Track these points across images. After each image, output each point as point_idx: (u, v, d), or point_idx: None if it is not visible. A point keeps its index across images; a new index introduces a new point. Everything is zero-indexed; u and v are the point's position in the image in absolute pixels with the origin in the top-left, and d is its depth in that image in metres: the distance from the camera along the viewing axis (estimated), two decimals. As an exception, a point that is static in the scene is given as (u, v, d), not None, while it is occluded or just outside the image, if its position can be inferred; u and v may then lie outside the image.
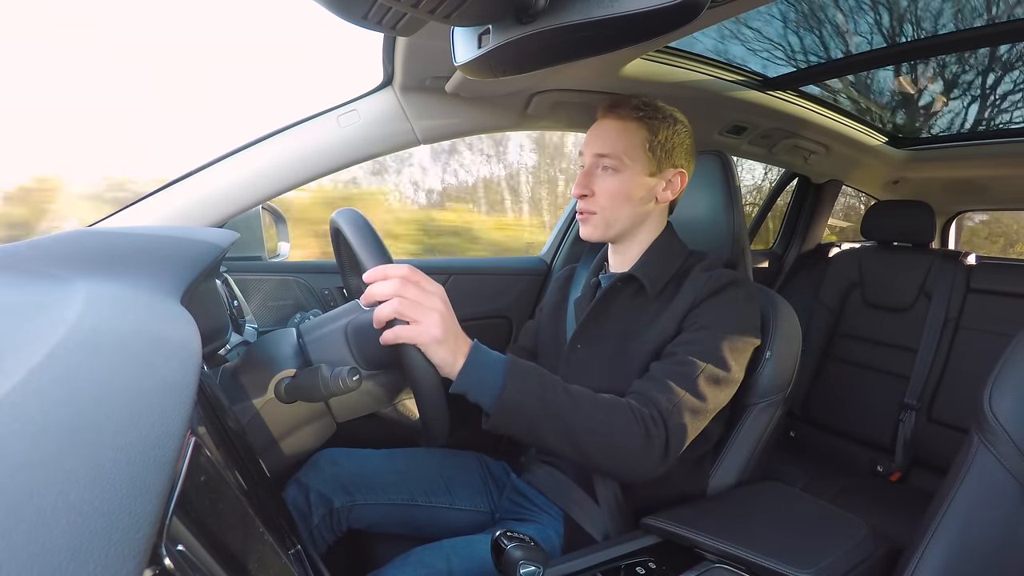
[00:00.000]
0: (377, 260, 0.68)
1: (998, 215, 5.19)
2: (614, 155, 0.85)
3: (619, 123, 0.86)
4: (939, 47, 1.28)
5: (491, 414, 0.66)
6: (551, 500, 0.87)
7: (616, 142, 0.85)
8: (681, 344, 0.79)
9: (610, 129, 0.86)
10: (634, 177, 0.85)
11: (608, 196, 0.86)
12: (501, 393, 0.65)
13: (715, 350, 0.77)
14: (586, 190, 0.86)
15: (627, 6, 0.39)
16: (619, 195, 0.85)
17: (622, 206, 0.86)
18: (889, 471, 1.62)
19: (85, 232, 0.67)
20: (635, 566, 0.68)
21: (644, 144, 0.85)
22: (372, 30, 0.49)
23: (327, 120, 1.06)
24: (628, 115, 0.86)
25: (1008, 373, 0.60)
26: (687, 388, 0.73)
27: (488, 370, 0.66)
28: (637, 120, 0.85)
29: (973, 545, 0.58)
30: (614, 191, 0.85)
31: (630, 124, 0.85)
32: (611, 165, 0.85)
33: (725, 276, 0.83)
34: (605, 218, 0.87)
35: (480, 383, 0.65)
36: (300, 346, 0.79)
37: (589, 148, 0.87)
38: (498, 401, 0.65)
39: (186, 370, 0.32)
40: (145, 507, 0.20)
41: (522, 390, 0.66)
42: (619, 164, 0.85)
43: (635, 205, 0.87)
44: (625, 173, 0.85)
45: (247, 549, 0.37)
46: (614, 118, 0.87)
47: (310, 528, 0.86)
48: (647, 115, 0.86)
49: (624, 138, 0.85)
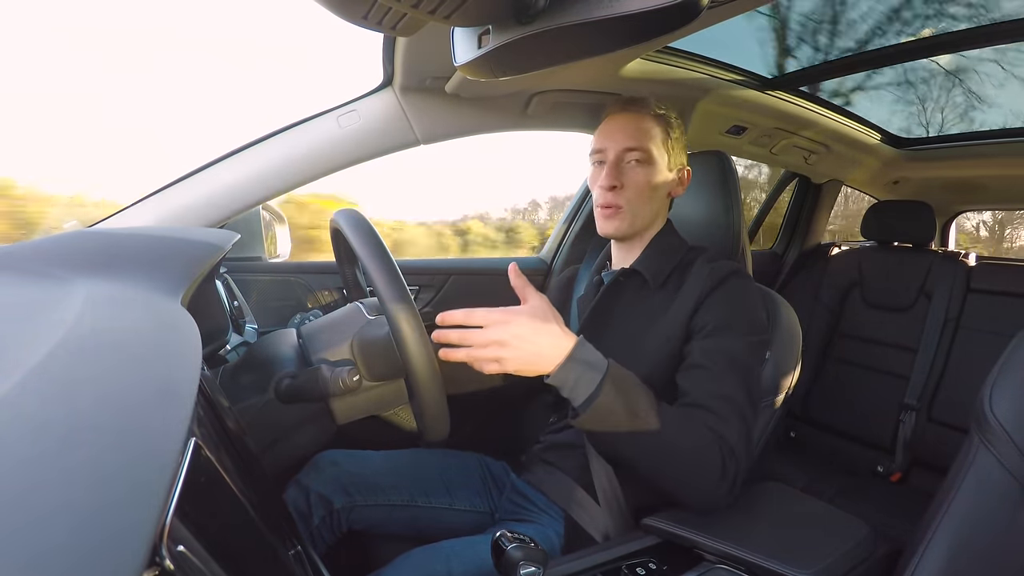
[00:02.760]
0: (377, 260, 0.68)
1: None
2: (643, 148, 0.86)
3: (640, 117, 0.88)
4: (939, 47, 1.28)
5: (580, 413, 0.67)
6: (551, 500, 0.87)
7: (644, 135, 0.87)
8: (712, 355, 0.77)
9: (633, 123, 0.87)
10: (660, 171, 0.88)
11: (637, 189, 0.87)
12: (595, 397, 0.66)
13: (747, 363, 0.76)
14: (616, 181, 0.86)
15: (627, 6, 0.39)
16: (647, 188, 0.87)
17: (649, 200, 0.88)
18: (889, 471, 1.62)
19: (85, 232, 0.67)
20: (635, 566, 0.68)
21: (663, 140, 0.88)
22: (372, 30, 0.49)
23: (327, 120, 1.06)
24: (646, 112, 0.88)
25: (1008, 373, 0.60)
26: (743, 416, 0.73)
27: (586, 371, 0.67)
28: (654, 117, 0.88)
29: (973, 545, 0.58)
30: (644, 184, 0.87)
31: (648, 119, 0.88)
32: (641, 158, 0.86)
33: (728, 267, 0.84)
34: (632, 212, 0.87)
35: (576, 382, 0.66)
36: (300, 346, 0.79)
37: (614, 142, 0.88)
38: (591, 405, 0.66)
39: (186, 370, 0.32)
40: (145, 507, 0.20)
41: (615, 399, 0.66)
42: (648, 157, 0.86)
43: (658, 199, 0.89)
44: (653, 166, 0.87)
45: (247, 550, 0.37)
46: (634, 113, 0.88)
47: (310, 529, 0.86)
48: (658, 113, 0.89)
49: (648, 132, 0.87)
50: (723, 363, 0.76)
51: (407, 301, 0.66)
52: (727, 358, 0.76)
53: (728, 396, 0.73)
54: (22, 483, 0.18)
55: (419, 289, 1.43)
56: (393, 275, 0.66)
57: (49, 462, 0.20)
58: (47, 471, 0.19)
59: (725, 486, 0.69)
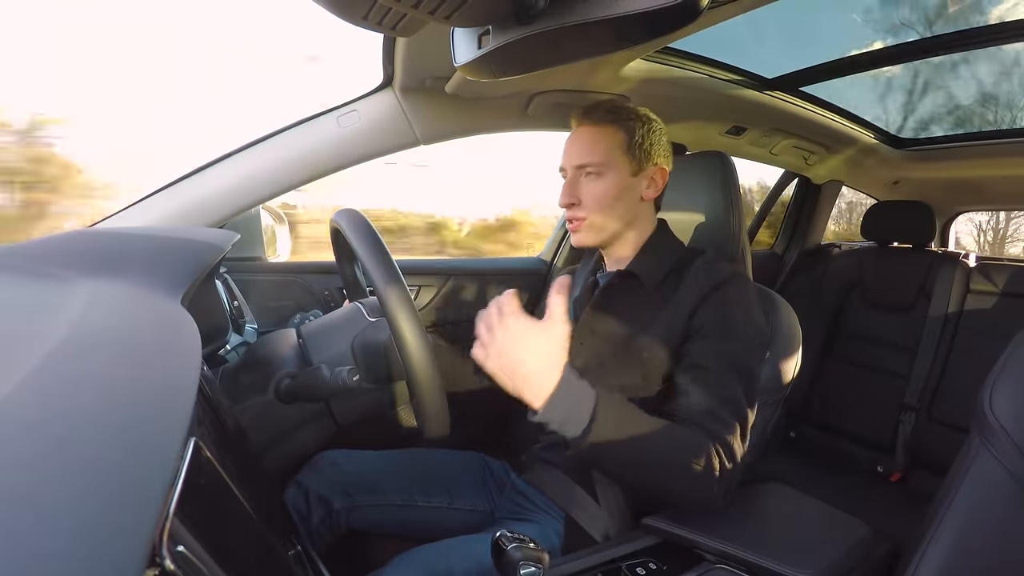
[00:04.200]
0: (377, 260, 0.68)
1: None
2: (595, 162, 0.85)
3: (594, 128, 0.86)
4: (939, 47, 1.28)
5: (573, 447, 0.66)
6: (552, 500, 0.87)
7: (594, 149, 0.85)
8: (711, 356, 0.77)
9: (586, 136, 0.87)
10: (617, 179, 0.86)
11: (594, 200, 0.86)
12: (587, 431, 0.64)
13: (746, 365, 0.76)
14: (572, 199, 0.86)
15: (627, 6, 0.39)
16: (605, 198, 0.85)
17: (610, 209, 0.86)
18: (889, 471, 1.62)
19: (86, 232, 0.67)
20: (635, 566, 0.68)
21: (622, 146, 0.85)
22: (372, 30, 0.49)
23: (327, 120, 1.06)
24: (601, 119, 0.86)
25: (1008, 373, 0.60)
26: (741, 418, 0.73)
27: (575, 405, 0.65)
28: (612, 124, 0.86)
29: (973, 545, 0.58)
30: (600, 195, 0.85)
31: (606, 128, 0.86)
32: (594, 171, 0.85)
33: (726, 269, 0.84)
34: (594, 223, 0.87)
35: (566, 417, 0.64)
36: (300, 347, 0.79)
37: (568, 160, 0.88)
38: (584, 440, 0.64)
39: (186, 370, 0.32)
40: (145, 507, 0.20)
41: (609, 430, 0.65)
42: (601, 169, 0.85)
43: (622, 206, 0.87)
44: (608, 176, 0.85)
45: (247, 550, 0.37)
46: (589, 124, 0.87)
47: (310, 529, 0.86)
48: (620, 117, 0.86)
49: (602, 142, 0.85)
50: (721, 364, 0.76)
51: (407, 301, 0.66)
52: (726, 359, 0.76)
53: (727, 398, 0.73)
54: (23, 483, 0.18)
55: (419, 289, 1.43)
56: (393, 275, 0.66)
57: (49, 462, 0.20)
58: (48, 471, 0.19)
59: (722, 489, 0.69)
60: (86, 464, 0.20)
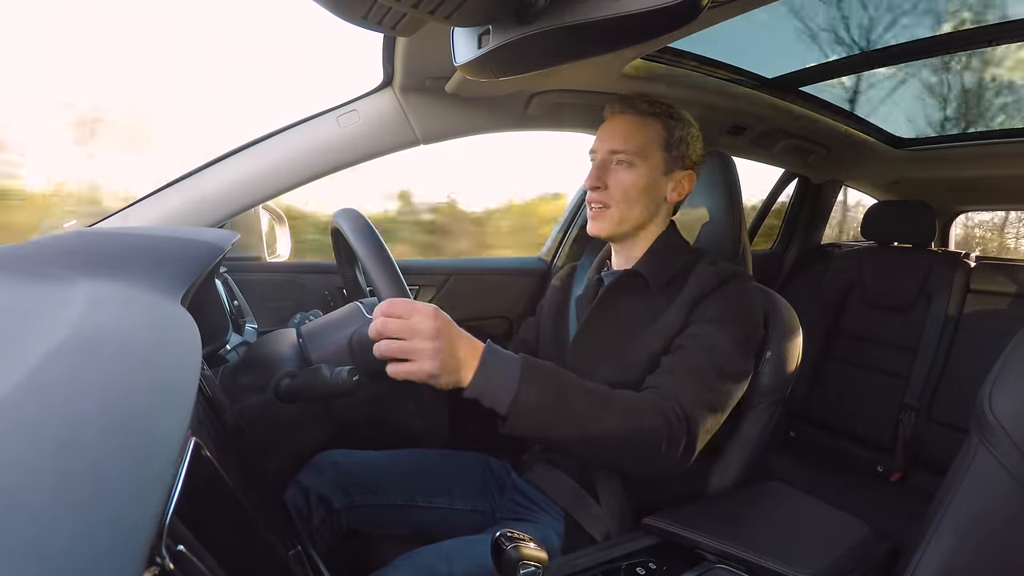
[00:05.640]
0: (377, 260, 0.68)
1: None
2: (629, 151, 0.85)
3: (636, 119, 0.86)
4: (938, 47, 1.28)
5: (506, 418, 0.65)
6: (552, 500, 0.87)
7: (631, 138, 0.85)
8: (690, 337, 0.79)
9: (625, 124, 0.86)
10: (648, 173, 0.85)
11: (621, 190, 0.85)
12: (515, 397, 0.63)
13: (726, 343, 0.77)
14: (599, 182, 0.86)
15: (627, 6, 0.39)
16: (632, 190, 0.85)
17: (634, 202, 0.86)
18: (889, 471, 1.62)
19: (85, 232, 0.67)
20: (635, 566, 0.68)
21: (660, 141, 0.85)
22: (372, 30, 0.49)
23: (327, 120, 1.06)
24: (645, 111, 0.86)
25: (1008, 373, 0.60)
26: (705, 382, 0.73)
27: (501, 375, 0.64)
28: (654, 116, 0.86)
29: (973, 545, 0.58)
30: (628, 185, 0.85)
31: (647, 120, 0.86)
32: (626, 160, 0.85)
33: (728, 269, 0.84)
34: (618, 212, 0.86)
35: (494, 389, 0.64)
36: (300, 346, 0.79)
37: (603, 144, 0.87)
38: (511, 406, 0.63)
39: (186, 370, 0.32)
40: (145, 507, 0.20)
41: (538, 392, 0.64)
42: (634, 159, 0.85)
43: (646, 201, 0.87)
44: (640, 169, 0.85)
45: (247, 550, 0.37)
46: (631, 114, 0.87)
47: (310, 529, 0.86)
48: (663, 112, 0.86)
49: (641, 134, 0.85)
50: (700, 345, 0.77)
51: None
52: (707, 342, 0.77)
53: (692, 368, 0.74)
54: (23, 483, 0.18)
55: (419, 289, 1.43)
56: (393, 275, 0.66)
57: (49, 462, 0.20)
58: (47, 471, 0.19)
59: (678, 449, 0.69)
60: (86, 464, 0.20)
